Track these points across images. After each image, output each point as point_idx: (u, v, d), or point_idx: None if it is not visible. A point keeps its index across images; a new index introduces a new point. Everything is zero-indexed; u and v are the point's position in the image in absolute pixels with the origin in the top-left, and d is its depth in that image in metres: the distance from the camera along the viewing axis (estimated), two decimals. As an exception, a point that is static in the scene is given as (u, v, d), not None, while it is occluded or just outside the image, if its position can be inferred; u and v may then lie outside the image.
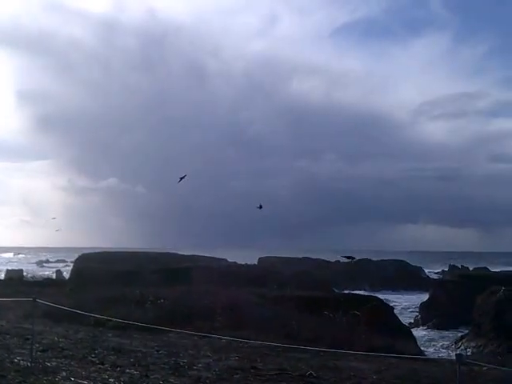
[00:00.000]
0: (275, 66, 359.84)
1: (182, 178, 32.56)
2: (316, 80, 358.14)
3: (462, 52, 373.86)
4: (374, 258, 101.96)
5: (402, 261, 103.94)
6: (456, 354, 7.29)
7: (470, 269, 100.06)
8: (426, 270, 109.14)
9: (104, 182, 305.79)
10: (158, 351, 11.73)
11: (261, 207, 35.55)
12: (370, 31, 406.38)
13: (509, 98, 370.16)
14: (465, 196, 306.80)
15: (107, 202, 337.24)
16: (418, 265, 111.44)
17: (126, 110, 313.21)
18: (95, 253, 63.74)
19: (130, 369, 9.56)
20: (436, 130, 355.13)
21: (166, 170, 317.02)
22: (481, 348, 41.05)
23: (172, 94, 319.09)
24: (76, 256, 59.96)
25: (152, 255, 63.90)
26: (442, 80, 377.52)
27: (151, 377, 9.04)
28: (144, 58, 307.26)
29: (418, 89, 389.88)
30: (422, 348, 29.65)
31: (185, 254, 72.37)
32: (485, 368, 11.58)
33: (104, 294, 21.29)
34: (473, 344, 42.16)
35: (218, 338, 13.61)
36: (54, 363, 9.51)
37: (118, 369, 9.49)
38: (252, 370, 10.06)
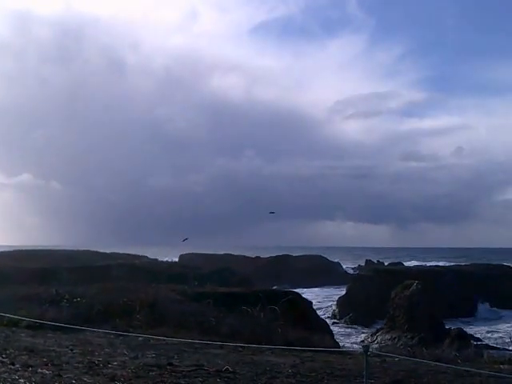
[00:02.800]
0: (195, 61, 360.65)
1: (184, 240, 32.97)
2: (235, 77, 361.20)
3: (377, 53, 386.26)
4: (294, 254, 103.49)
5: (320, 256, 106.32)
6: (363, 346, 7.54)
7: (386, 264, 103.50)
8: (344, 266, 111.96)
9: (17, 177, 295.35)
10: (72, 350, 11.48)
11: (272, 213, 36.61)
12: (287, 30, 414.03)
13: (420, 99, 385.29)
14: (378, 193, 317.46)
15: (21, 199, 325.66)
16: (336, 260, 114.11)
17: (39, 103, 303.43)
18: (8, 251, 61.55)
19: (42, 368, 9.33)
20: (350, 129, 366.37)
21: (81, 166, 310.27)
22: (395, 340, 42.58)
23: (89, 87, 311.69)
24: (-12, 254, 57.62)
25: (69, 253, 62.39)
26: (356, 80, 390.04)
27: (64, 376, 8.85)
28: (60, 50, 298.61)
29: (333, 88, 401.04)
30: (339, 341, 30.37)
31: (104, 251, 71.07)
32: (397, 359, 11.98)
33: (17, 293, 20.61)
34: (387, 336, 43.66)
35: (135, 336, 13.49)
36: (-39, 365, 9.17)
37: (30, 369, 9.24)
38: (168, 367, 10.02)
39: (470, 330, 47.44)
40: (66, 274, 39.41)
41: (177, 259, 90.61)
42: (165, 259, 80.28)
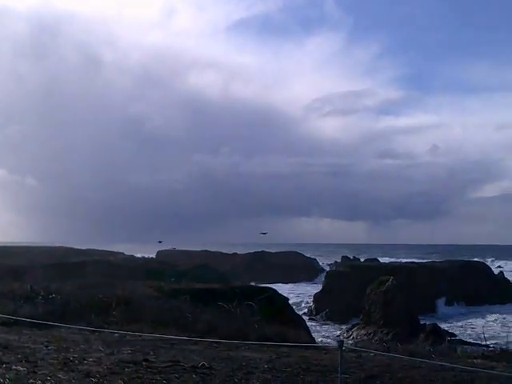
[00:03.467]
0: (173, 58, 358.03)
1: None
2: (213, 74, 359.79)
3: (354, 52, 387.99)
4: (271, 251, 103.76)
5: (297, 253, 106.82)
6: (337, 341, 7.60)
7: (362, 260, 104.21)
8: (320, 262, 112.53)
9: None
10: (47, 347, 11.41)
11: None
12: (265, 28, 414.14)
13: (396, 97, 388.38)
14: (354, 190, 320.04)
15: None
16: (313, 256, 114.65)
17: (14, 99, 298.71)
18: (-17, 247, 60.85)
19: (16, 365, 9.26)
20: (327, 126, 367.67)
21: (58, 162, 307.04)
22: (371, 335, 42.97)
23: (65, 82, 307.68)
24: (-38, 251, 56.88)
25: (45, 249, 61.89)
26: (333, 78, 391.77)
27: (39, 373, 8.81)
28: (35, 46, 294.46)
29: (310, 86, 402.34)
30: (315, 337, 30.53)
31: (80, 248, 70.66)
32: (372, 354, 12.09)
33: (-9, 290, 20.39)
34: (363, 332, 44.05)
35: (111, 332, 13.42)
36: None
37: (4, 365, 9.17)
38: (144, 363, 10.00)
39: (445, 325, 47.99)
40: (42, 271, 39.13)
41: (154, 256, 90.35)
42: (140, 255, 80.00)
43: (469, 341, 37.24)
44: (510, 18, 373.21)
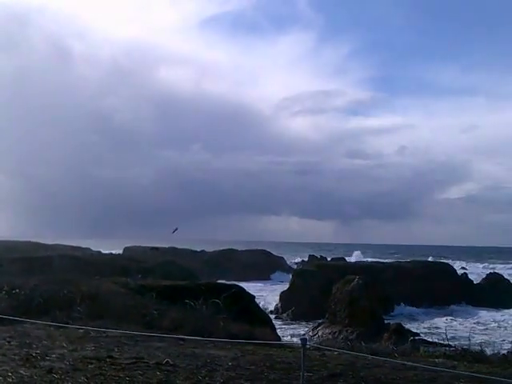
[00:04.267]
0: (144, 53, 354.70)
1: (174, 230, 32.26)
2: (184, 70, 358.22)
3: (325, 52, 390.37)
4: (239, 248, 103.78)
5: (264, 251, 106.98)
6: (301, 339, 7.68)
7: (328, 259, 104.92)
8: (288, 260, 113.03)
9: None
10: (9, 342, 11.28)
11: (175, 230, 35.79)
12: (238, 25, 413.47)
13: (365, 98, 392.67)
14: (323, 190, 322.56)
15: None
16: (280, 255, 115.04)
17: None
18: None
19: (-23, 361, 9.16)
20: (296, 125, 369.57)
21: (22, 155, 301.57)
22: (336, 334, 43.22)
23: (33, 75, 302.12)
24: None
25: (9, 244, 60.87)
26: (303, 77, 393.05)
27: (0, 368, 8.71)
28: (2, 37, 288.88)
29: (281, 85, 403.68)
30: (281, 335, 30.64)
31: (46, 242, 69.73)
32: (336, 353, 12.20)
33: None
34: (328, 331, 44.29)
35: (76, 329, 13.31)
36: None
37: (-35, 361, 9.06)
38: (108, 360, 9.96)
39: (409, 325, 48.52)
40: (5, 265, 38.48)
41: (121, 251, 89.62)
42: (107, 251, 79.40)
43: (432, 340, 37.70)
44: (478, 22, 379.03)
